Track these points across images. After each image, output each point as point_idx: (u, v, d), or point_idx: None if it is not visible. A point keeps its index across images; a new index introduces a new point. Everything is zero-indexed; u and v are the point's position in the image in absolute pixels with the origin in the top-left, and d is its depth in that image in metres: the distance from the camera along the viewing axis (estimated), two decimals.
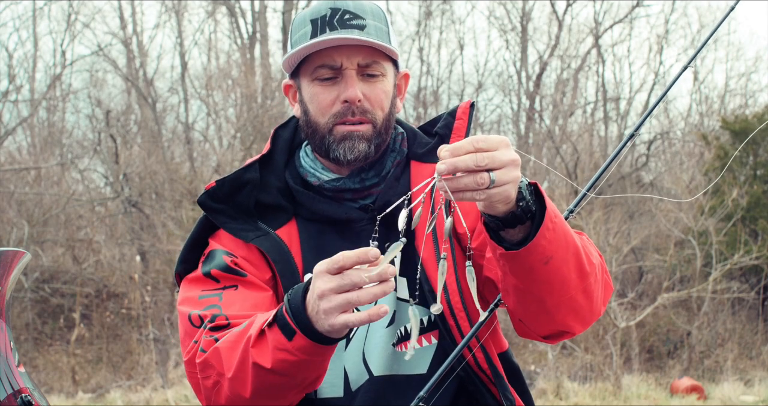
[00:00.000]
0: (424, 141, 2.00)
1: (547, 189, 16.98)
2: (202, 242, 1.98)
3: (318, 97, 1.90)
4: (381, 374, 1.89)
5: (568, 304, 1.74)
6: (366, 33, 1.86)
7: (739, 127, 16.66)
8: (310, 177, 1.97)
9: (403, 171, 1.97)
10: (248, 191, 1.95)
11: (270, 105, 17.74)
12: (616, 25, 21.26)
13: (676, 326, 15.58)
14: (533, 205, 1.62)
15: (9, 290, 1.86)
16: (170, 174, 16.87)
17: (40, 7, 21.19)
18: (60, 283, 16.18)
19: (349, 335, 1.71)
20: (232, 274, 1.89)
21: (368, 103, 1.89)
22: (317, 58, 1.88)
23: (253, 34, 20.65)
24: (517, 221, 1.61)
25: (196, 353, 1.79)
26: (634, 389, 13.23)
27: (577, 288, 1.73)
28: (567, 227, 1.70)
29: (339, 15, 1.87)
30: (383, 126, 1.92)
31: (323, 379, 1.79)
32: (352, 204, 1.94)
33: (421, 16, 21.66)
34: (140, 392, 13.25)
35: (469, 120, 1.97)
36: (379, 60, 1.90)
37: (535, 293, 1.71)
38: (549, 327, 1.81)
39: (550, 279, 1.68)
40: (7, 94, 18.93)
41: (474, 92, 21.61)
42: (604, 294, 1.84)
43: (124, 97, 20.41)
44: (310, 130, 1.94)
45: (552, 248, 1.64)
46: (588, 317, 1.81)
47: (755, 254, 14.90)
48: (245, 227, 1.93)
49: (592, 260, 1.76)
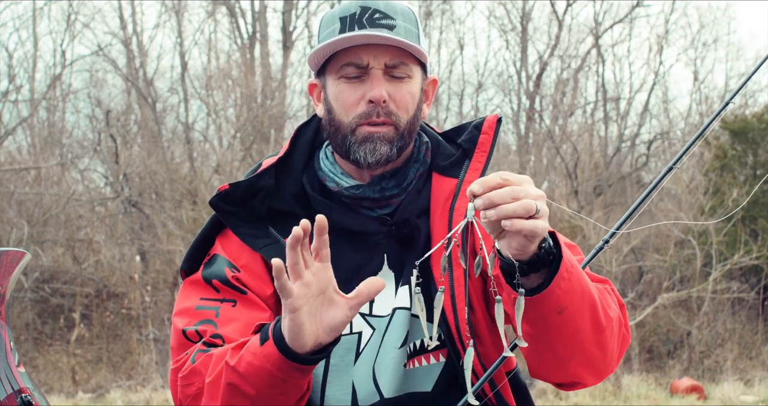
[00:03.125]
0: (447, 152, 1.95)
1: (547, 189, 16.98)
2: (210, 241, 1.95)
3: (343, 95, 1.86)
4: (392, 396, 1.86)
5: (581, 355, 1.72)
6: (395, 33, 1.83)
7: (739, 127, 16.67)
8: (329, 182, 1.92)
9: (424, 184, 1.92)
10: (261, 198, 1.91)
11: (270, 105, 17.74)
12: (616, 25, 21.27)
13: (676, 326, 15.59)
14: (554, 248, 1.60)
15: (9, 290, 1.86)
16: (170, 174, 16.87)
17: (40, 7, 21.20)
18: (60, 283, 16.18)
19: (324, 357, 1.66)
20: (232, 289, 1.86)
21: (393, 105, 1.84)
22: (344, 57, 1.85)
23: (253, 34, 20.65)
24: (540, 263, 1.59)
25: (186, 363, 1.78)
26: (634, 389, 13.23)
27: (591, 340, 1.70)
28: (584, 278, 1.67)
29: (369, 14, 1.83)
30: (406, 129, 1.87)
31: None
32: (369, 213, 1.90)
33: (421, 16, 21.66)
34: (140, 392, 13.26)
35: (495, 135, 1.93)
36: (406, 61, 1.85)
37: (547, 342, 1.69)
38: (561, 376, 1.79)
39: (564, 329, 1.66)
40: (7, 94, 18.94)
41: (474, 92, 21.63)
42: (621, 348, 1.81)
43: (124, 97, 20.42)
44: (332, 129, 1.89)
45: (567, 298, 1.62)
46: (602, 370, 1.78)
47: (755, 254, 14.91)
48: (255, 233, 1.89)
49: (609, 314, 1.73)
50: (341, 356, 1.87)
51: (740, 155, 16.86)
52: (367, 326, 1.88)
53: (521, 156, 19.54)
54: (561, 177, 18.44)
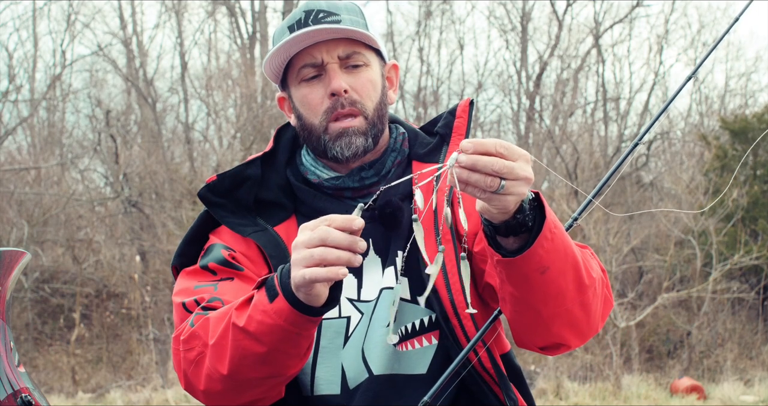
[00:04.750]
0: (425, 141, 2.00)
1: (546, 189, 16.98)
2: (200, 237, 1.99)
3: (307, 98, 1.91)
4: (381, 373, 1.88)
5: (565, 316, 1.73)
6: (341, 26, 1.88)
7: (739, 127, 16.67)
8: (311, 175, 1.97)
9: (404, 171, 1.97)
10: (248, 187, 1.96)
11: (270, 105, 17.74)
12: (616, 25, 21.26)
13: (676, 326, 15.59)
14: (530, 220, 1.61)
15: (9, 290, 1.87)
16: (170, 174, 16.88)
17: (40, 7, 21.21)
18: (60, 283, 16.19)
19: (334, 306, 1.67)
20: (229, 267, 1.90)
21: (356, 94, 1.89)
22: (298, 61, 1.91)
23: (253, 34, 20.66)
24: (510, 231, 1.61)
25: (186, 329, 1.80)
26: (634, 389, 13.23)
27: (575, 300, 1.72)
28: (567, 238, 1.69)
29: (313, 15, 1.89)
30: (375, 116, 1.92)
31: (300, 370, 1.77)
32: (351, 202, 1.93)
33: (421, 16, 21.66)
34: (140, 392, 13.25)
35: (469, 118, 1.97)
36: (359, 50, 1.91)
37: (530, 303, 1.71)
38: (545, 338, 1.80)
39: (547, 289, 1.67)
40: (7, 94, 18.93)
41: (474, 92, 21.61)
42: (603, 309, 1.82)
43: (124, 97, 20.42)
44: (306, 133, 1.95)
45: (549, 258, 1.64)
46: (585, 331, 1.80)
47: (755, 254, 14.90)
48: (244, 222, 1.94)
49: (592, 274, 1.75)
50: (330, 339, 1.89)
51: (740, 155, 16.86)
52: (356, 310, 1.90)
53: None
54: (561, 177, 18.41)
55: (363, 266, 1.63)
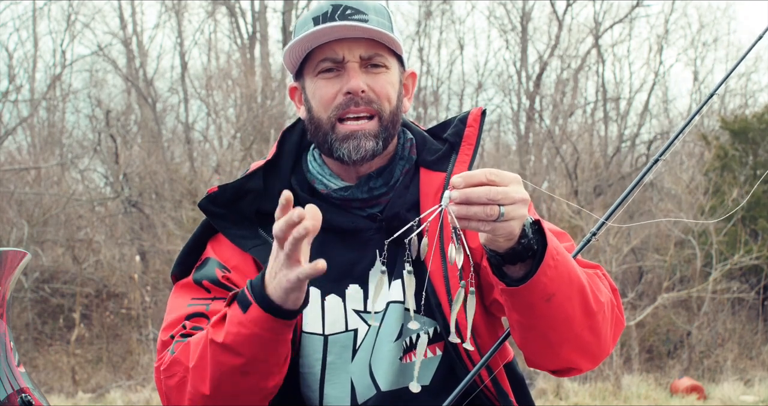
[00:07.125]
0: (434, 148, 1.96)
1: (546, 190, 16.98)
2: (200, 246, 1.96)
3: (320, 92, 1.87)
4: (388, 389, 1.87)
5: (574, 341, 1.73)
6: (368, 25, 1.84)
7: (739, 127, 16.67)
8: (318, 184, 1.93)
9: (412, 179, 1.93)
10: (250, 200, 1.92)
11: (270, 105, 17.74)
12: (616, 25, 21.27)
13: (676, 326, 15.59)
14: (535, 243, 1.61)
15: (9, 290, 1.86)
16: (170, 174, 16.88)
17: (40, 7, 21.22)
18: (60, 283, 16.18)
19: (306, 304, 1.66)
20: (222, 288, 1.87)
21: (373, 94, 1.85)
22: (319, 54, 1.86)
23: (253, 34, 20.65)
24: (517, 258, 1.61)
25: (166, 357, 1.79)
26: (634, 389, 13.23)
27: (583, 325, 1.71)
28: (572, 264, 1.68)
29: (341, 10, 1.85)
30: (390, 119, 1.88)
31: (282, 380, 1.75)
32: (359, 212, 1.90)
33: (421, 16, 21.67)
34: (140, 392, 13.25)
35: (480, 127, 1.94)
36: (382, 53, 1.87)
37: (538, 330, 1.70)
38: (555, 363, 1.80)
39: (553, 316, 1.67)
40: (7, 94, 18.93)
41: (474, 92, 21.63)
42: (615, 331, 1.81)
43: (124, 97, 20.42)
44: (313, 127, 1.90)
45: (554, 285, 1.63)
46: (596, 354, 1.79)
47: (755, 254, 14.90)
48: (245, 234, 1.90)
49: (600, 298, 1.73)
50: (338, 355, 1.87)
51: (740, 155, 16.86)
52: (363, 322, 1.88)
53: (521, 156, 19.55)
54: (561, 177, 18.43)
55: (369, 277, 1.62)
